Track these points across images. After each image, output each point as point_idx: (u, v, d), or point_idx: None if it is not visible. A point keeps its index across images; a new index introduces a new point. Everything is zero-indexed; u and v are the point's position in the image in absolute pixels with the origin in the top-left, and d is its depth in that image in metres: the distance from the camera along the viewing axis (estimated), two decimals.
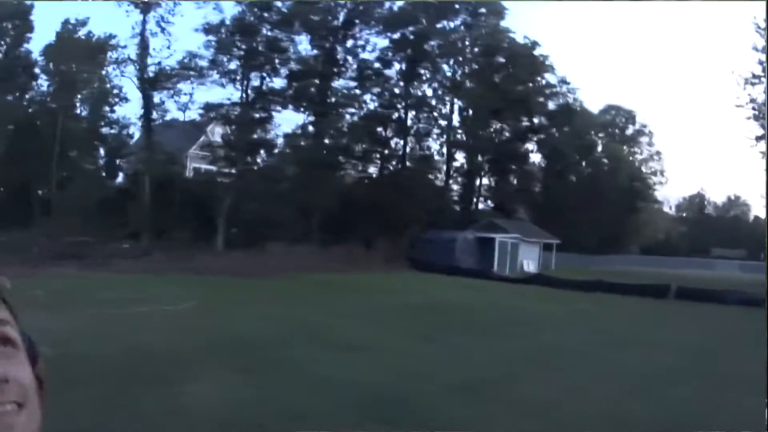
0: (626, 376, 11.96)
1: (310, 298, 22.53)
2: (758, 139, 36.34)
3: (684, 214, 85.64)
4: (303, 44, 42.78)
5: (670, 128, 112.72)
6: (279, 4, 39.43)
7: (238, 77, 39.99)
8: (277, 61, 39.90)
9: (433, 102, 48.16)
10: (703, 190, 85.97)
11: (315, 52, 42.65)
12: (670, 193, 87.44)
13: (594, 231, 58.22)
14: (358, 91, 44.72)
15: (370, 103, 45.51)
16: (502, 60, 50.73)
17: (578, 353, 14.14)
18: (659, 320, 21.82)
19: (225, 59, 38.88)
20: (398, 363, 11.91)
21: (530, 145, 58.65)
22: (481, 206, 54.59)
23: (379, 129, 44.65)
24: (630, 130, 74.77)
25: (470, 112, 50.03)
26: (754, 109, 35.93)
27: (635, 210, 67.40)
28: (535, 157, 60.74)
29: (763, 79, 35.51)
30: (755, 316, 22.01)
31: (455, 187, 53.14)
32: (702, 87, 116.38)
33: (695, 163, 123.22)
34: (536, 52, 53.11)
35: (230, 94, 43.94)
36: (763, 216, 72.70)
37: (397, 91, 45.79)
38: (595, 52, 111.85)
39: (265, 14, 39.20)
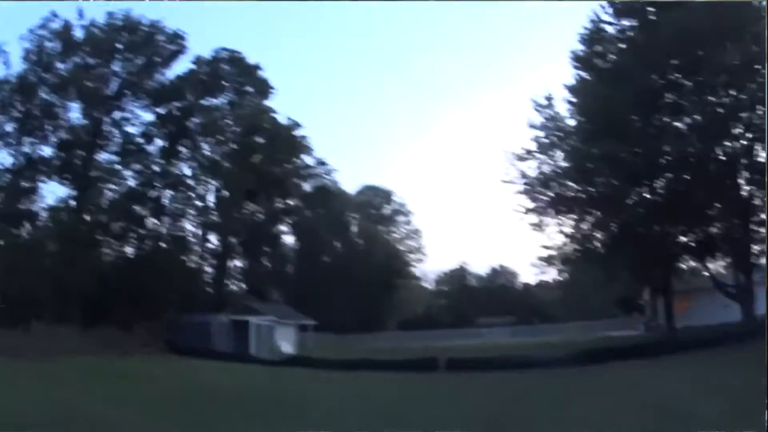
0: None
1: (75, 384, 24.88)
2: (528, 211, 42.72)
3: (445, 288, 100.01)
4: (74, 112, 48.92)
5: (431, 205, 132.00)
6: (59, 65, 45.41)
7: (13, 141, 45.30)
8: (49, 127, 45.84)
9: (192, 181, 56.09)
10: (464, 263, 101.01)
11: (84, 121, 48.91)
12: (430, 267, 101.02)
13: (351, 310, 68.89)
14: (119, 166, 51.35)
15: (131, 179, 52.26)
16: (262, 140, 60.53)
17: None
18: (454, 393, 23.67)
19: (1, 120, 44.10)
20: None
21: (284, 227, 68.63)
22: (235, 288, 63.09)
23: (137, 207, 51.26)
24: (387, 210, 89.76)
25: (226, 192, 58.46)
26: (525, 184, 42.31)
27: (393, 287, 79.99)
28: (290, 239, 71.23)
29: (537, 155, 42.07)
30: (548, 377, 25.91)
31: (210, 269, 60.68)
32: (463, 164, 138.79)
33: (457, 237, 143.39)
34: (297, 133, 64.24)
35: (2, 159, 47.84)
36: (530, 281, 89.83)
37: (157, 168, 52.83)
38: (356, 132, 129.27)
39: (45, 75, 45.03)
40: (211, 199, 58.87)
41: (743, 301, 36.16)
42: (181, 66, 55.68)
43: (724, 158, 35.95)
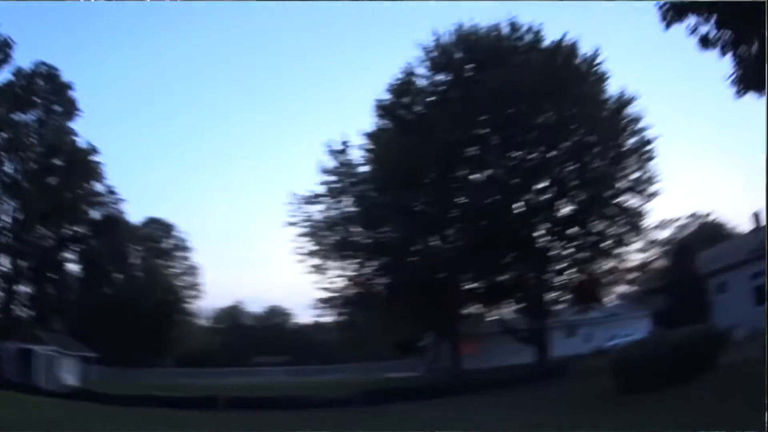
0: None
1: None
2: (311, 253, 43.99)
3: (221, 326, 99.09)
4: None
5: (211, 242, 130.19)
6: None
7: None
8: None
9: None
10: (239, 301, 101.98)
11: None
12: (207, 304, 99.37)
13: (130, 344, 66.83)
14: None
15: None
16: (60, 163, 58.50)
17: None
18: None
19: None
20: None
21: (71, 254, 66.20)
22: (23, 315, 59.36)
23: None
24: (168, 244, 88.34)
25: (22, 214, 55.83)
26: (310, 227, 43.81)
27: (171, 323, 78.61)
28: (76, 267, 68.29)
29: (325, 199, 43.53)
30: (334, 417, 26.15)
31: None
32: (245, 203, 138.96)
33: (234, 275, 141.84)
34: (92, 158, 62.48)
35: None
36: (307, 322, 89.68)
37: None
38: (144, 162, 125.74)
39: None
40: (7, 219, 55.63)
41: (537, 343, 39.75)
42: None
43: (523, 210, 39.25)
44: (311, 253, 44.25)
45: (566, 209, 39.52)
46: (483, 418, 21.75)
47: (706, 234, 59.02)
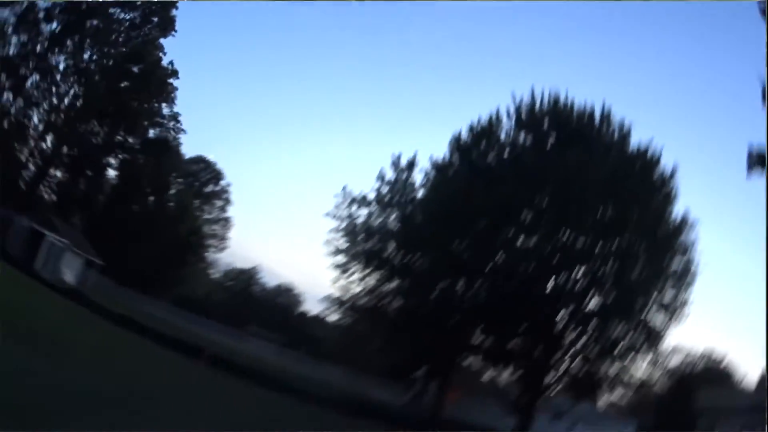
0: None
1: None
2: (339, 251, 45.41)
3: (231, 283, 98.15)
4: None
5: (251, 200, 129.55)
6: None
7: None
8: None
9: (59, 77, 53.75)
10: (258, 266, 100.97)
11: None
12: (224, 258, 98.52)
13: (138, 266, 66.72)
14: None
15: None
16: (137, 70, 59.15)
17: None
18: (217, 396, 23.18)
19: None
20: None
21: (113, 160, 66.83)
22: (44, 196, 60.01)
23: None
24: (210, 188, 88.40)
25: (83, 101, 56.59)
26: (349, 226, 45.66)
27: (184, 262, 78.02)
28: (112, 173, 68.95)
29: (372, 206, 44.68)
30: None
31: (33, 167, 57.65)
32: (300, 178, 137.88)
33: (260, 241, 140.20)
34: (170, 80, 62.79)
35: None
36: (308, 310, 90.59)
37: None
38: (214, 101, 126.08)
39: None
40: (65, 102, 56.54)
41: (521, 416, 39.07)
42: None
43: (553, 288, 38.36)
44: (339, 251, 45.03)
45: (593, 303, 38.34)
46: None
47: (711, 375, 57.93)
